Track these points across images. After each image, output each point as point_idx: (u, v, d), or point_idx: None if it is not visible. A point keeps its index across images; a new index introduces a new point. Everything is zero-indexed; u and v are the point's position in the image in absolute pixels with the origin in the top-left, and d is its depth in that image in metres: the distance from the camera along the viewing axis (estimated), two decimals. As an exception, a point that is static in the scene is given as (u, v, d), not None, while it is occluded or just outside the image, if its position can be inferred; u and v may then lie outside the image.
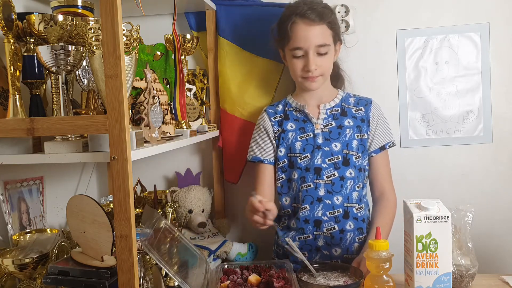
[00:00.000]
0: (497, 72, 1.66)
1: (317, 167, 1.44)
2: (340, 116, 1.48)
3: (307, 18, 1.38)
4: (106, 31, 0.87)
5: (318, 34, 1.40)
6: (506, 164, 1.68)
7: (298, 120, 1.50)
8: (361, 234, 1.46)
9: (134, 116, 1.17)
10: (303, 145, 1.47)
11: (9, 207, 1.41)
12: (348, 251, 1.45)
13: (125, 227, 0.90)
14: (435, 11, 1.67)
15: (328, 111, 1.49)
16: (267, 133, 1.52)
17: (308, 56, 1.40)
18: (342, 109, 1.49)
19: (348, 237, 1.44)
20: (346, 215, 1.44)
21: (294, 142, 1.48)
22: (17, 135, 0.96)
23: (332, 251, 1.46)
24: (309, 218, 1.44)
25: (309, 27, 1.39)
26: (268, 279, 1.24)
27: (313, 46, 1.39)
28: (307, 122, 1.49)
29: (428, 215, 1.10)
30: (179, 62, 1.40)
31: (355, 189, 1.45)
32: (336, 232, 1.44)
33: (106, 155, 0.92)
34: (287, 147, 1.49)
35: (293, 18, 1.40)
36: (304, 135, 1.48)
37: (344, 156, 1.44)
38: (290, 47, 1.43)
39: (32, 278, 1.20)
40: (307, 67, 1.41)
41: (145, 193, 1.64)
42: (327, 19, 1.41)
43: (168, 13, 1.76)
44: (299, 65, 1.43)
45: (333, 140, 1.45)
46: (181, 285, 1.09)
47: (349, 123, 1.47)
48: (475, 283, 1.23)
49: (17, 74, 1.07)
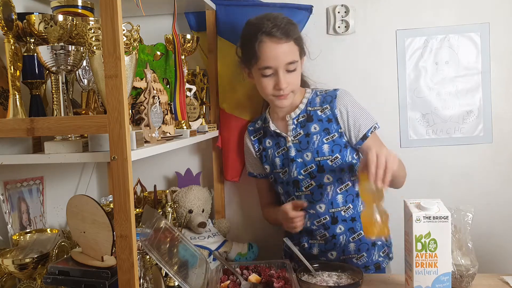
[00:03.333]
0: (497, 72, 1.66)
1: (295, 180, 1.45)
2: (307, 123, 1.45)
3: (274, 36, 1.34)
4: (106, 31, 0.87)
5: (287, 51, 1.36)
6: (506, 164, 1.68)
7: (273, 135, 1.52)
8: (354, 233, 1.45)
9: (134, 116, 1.17)
10: (281, 160, 1.50)
11: (9, 207, 1.41)
12: (345, 252, 1.46)
13: (125, 227, 0.90)
14: (435, 11, 1.67)
15: (294, 120, 1.47)
16: (251, 153, 1.59)
17: (278, 74, 1.36)
18: (307, 114, 1.46)
19: (341, 240, 1.45)
20: (334, 220, 1.44)
21: (273, 159, 1.52)
22: (17, 135, 0.96)
23: (328, 255, 1.47)
24: (301, 230, 1.44)
25: (277, 45, 1.34)
26: (268, 279, 1.24)
27: (282, 64, 1.35)
28: (280, 136, 1.50)
29: (427, 215, 1.10)
30: (179, 62, 1.40)
31: (338, 193, 1.43)
32: (328, 238, 1.46)
33: (106, 155, 0.92)
34: (270, 164, 1.54)
35: (259, 37, 1.35)
36: (280, 150, 1.50)
37: (317, 164, 1.42)
38: (259, 66, 1.38)
39: (32, 278, 1.20)
40: (278, 85, 1.37)
41: (145, 193, 1.64)
42: (294, 35, 1.37)
43: (168, 13, 1.76)
44: (269, 84, 1.39)
45: (304, 150, 1.44)
46: (181, 285, 1.09)
47: (315, 128, 1.44)
48: (475, 283, 1.23)
49: (17, 74, 1.07)
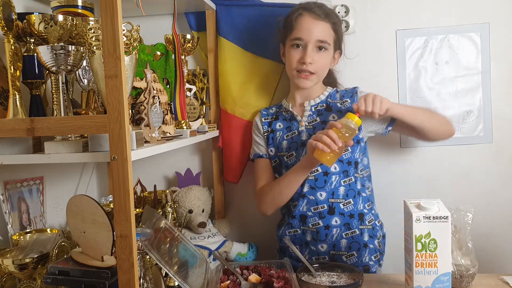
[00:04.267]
0: (497, 72, 1.66)
1: None
2: (325, 112, 1.49)
3: (314, 12, 1.43)
4: (106, 31, 0.87)
5: (321, 29, 1.43)
6: (506, 164, 1.68)
7: (286, 119, 1.54)
8: (348, 230, 1.45)
9: (134, 116, 1.17)
10: (289, 143, 1.51)
11: (9, 207, 1.41)
12: (335, 248, 1.45)
13: (125, 227, 0.90)
14: (435, 11, 1.67)
15: (313, 107, 1.50)
16: (259, 131, 1.59)
17: (307, 49, 1.43)
18: (327, 105, 1.50)
19: (334, 233, 1.44)
20: (331, 210, 1.44)
21: (281, 141, 1.52)
22: (17, 135, 0.96)
23: (318, 247, 1.46)
24: (295, 214, 1.47)
25: (314, 20, 1.43)
26: (268, 279, 1.24)
27: (313, 40, 1.42)
28: (293, 120, 1.51)
29: (427, 215, 1.10)
30: (179, 62, 1.40)
31: (341, 184, 1.45)
32: (321, 227, 1.45)
33: (106, 155, 0.92)
34: (276, 147, 1.54)
35: (300, 11, 1.45)
36: (290, 133, 1.51)
37: None
38: (291, 37, 1.45)
39: (32, 278, 1.20)
40: (303, 59, 1.43)
41: (145, 193, 1.64)
42: (332, 19, 1.45)
43: (168, 13, 1.76)
44: (296, 56, 1.45)
45: None
46: (181, 285, 1.09)
47: (333, 117, 1.47)
48: (475, 283, 1.23)
49: (17, 74, 1.07)
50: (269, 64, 1.70)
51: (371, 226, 1.48)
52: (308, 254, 1.48)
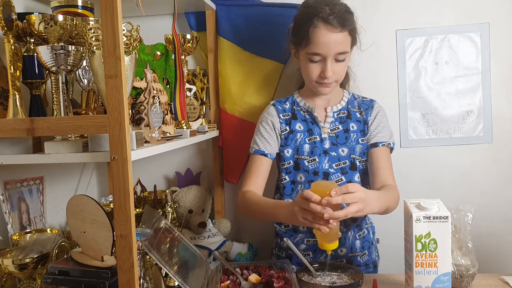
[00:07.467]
0: (497, 72, 1.66)
1: (326, 172, 1.42)
2: (346, 119, 1.46)
3: (330, 24, 1.30)
4: (106, 31, 0.87)
5: (339, 41, 1.32)
6: (506, 164, 1.68)
7: (306, 121, 1.47)
8: (360, 231, 1.47)
9: (134, 116, 1.17)
10: (311, 147, 1.44)
11: (9, 207, 1.41)
12: (352, 250, 1.46)
13: (125, 227, 0.90)
14: (435, 11, 1.67)
15: (335, 114, 1.47)
16: (274, 129, 1.47)
17: (326, 62, 1.34)
18: (348, 112, 1.47)
19: (350, 236, 1.45)
20: None
21: (302, 144, 1.45)
22: (17, 135, 0.96)
23: (338, 250, 1.45)
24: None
25: (331, 33, 1.31)
26: (268, 279, 1.24)
27: (332, 53, 1.33)
28: (315, 124, 1.46)
29: (427, 215, 1.10)
30: (179, 62, 1.40)
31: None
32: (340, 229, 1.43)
33: (106, 155, 0.92)
34: (294, 148, 1.45)
35: (314, 22, 1.31)
36: (312, 137, 1.45)
37: (351, 161, 1.43)
38: (308, 51, 1.35)
39: (32, 278, 1.20)
40: (323, 73, 1.35)
41: (145, 193, 1.64)
42: (349, 25, 1.35)
43: (168, 13, 1.76)
44: (315, 70, 1.36)
45: (340, 145, 1.43)
46: (181, 285, 1.09)
47: (353, 127, 1.45)
48: (475, 283, 1.23)
49: (17, 74, 1.07)
50: (269, 64, 1.70)
51: (370, 223, 1.54)
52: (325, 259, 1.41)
